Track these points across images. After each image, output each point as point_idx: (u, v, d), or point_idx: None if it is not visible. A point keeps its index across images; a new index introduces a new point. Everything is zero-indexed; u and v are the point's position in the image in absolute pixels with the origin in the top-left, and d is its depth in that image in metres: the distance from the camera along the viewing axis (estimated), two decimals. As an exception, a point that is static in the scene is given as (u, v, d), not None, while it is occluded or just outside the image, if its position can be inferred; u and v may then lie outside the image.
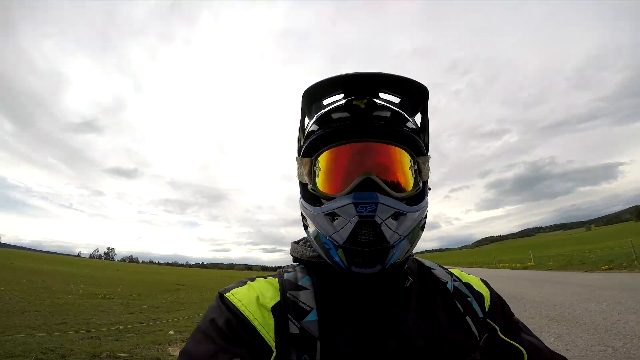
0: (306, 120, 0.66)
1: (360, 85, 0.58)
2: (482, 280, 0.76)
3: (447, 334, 0.60)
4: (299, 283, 0.62)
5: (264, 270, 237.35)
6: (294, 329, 0.56)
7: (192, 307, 10.99)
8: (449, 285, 0.67)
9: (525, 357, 0.64)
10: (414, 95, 0.59)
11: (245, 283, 0.64)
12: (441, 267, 0.75)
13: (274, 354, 0.54)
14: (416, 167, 0.62)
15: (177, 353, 5.20)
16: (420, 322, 0.60)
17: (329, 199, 0.60)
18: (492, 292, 0.73)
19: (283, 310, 0.57)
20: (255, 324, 0.56)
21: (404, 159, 0.61)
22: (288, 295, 0.59)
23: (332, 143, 0.61)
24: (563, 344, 4.64)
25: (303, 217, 0.65)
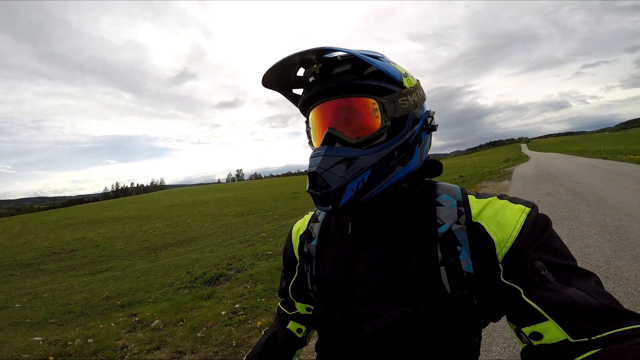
0: (294, 90, 0.72)
1: (305, 58, 0.61)
2: (528, 216, 0.58)
3: (410, 276, 0.61)
4: (318, 217, 0.81)
5: None
6: (306, 249, 0.79)
7: (308, 212, 14.50)
8: (442, 229, 0.61)
9: (546, 315, 0.49)
10: (355, 59, 0.63)
11: (303, 216, 0.87)
12: (464, 199, 0.65)
13: (298, 263, 0.83)
14: (381, 108, 0.62)
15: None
16: (393, 260, 0.63)
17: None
18: (522, 235, 0.56)
19: (302, 236, 0.82)
20: (294, 245, 0.85)
21: (362, 105, 0.62)
22: (309, 226, 0.81)
23: (310, 105, 0.68)
24: None
25: None
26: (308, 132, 0.73)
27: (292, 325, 0.90)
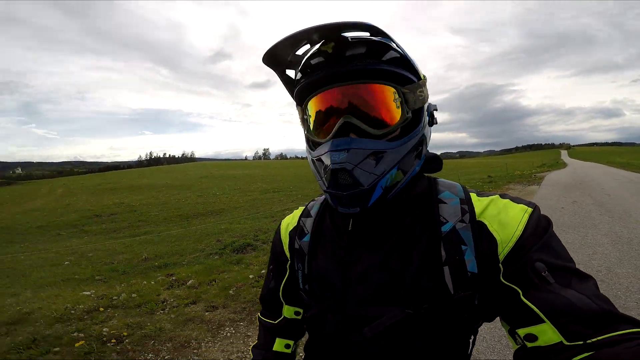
0: (288, 72, 0.65)
1: (320, 33, 0.54)
2: (530, 216, 0.56)
3: (411, 277, 0.57)
4: (311, 211, 0.75)
5: None
6: (297, 245, 0.73)
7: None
8: (445, 227, 0.58)
9: (543, 317, 0.48)
10: (379, 31, 0.55)
11: (293, 211, 0.82)
12: (467, 196, 0.62)
13: (289, 262, 0.76)
14: (402, 98, 0.58)
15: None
16: (393, 259, 0.59)
17: (318, 144, 0.62)
18: (525, 235, 0.54)
19: (293, 232, 0.76)
20: (283, 242, 0.78)
21: (385, 93, 0.57)
22: (300, 221, 0.75)
23: (314, 90, 0.60)
24: None
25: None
26: (305, 121, 0.65)
27: (278, 345, 0.82)
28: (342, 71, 0.57)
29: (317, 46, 0.59)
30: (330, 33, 0.55)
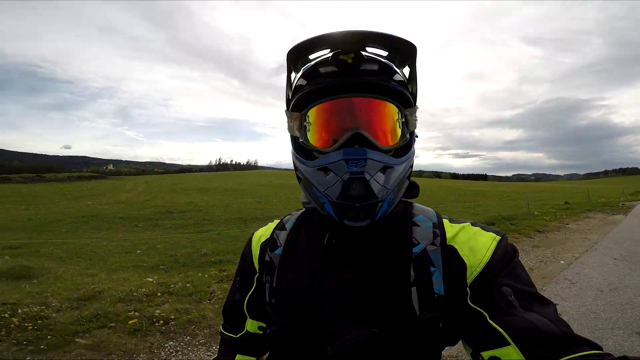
0: (293, 74, 0.64)
1: (346, 41, 0.55)
2: (498, 244, 0.59)
3: (380, 295, 0.58)
4: (286, 225, 0.74)
5: (454, 178, 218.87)
6: (267, 258, 0.70)
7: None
8: (416, 249, 0.59)
9: (509, 340, 0.49)
10: (402, 50, 0.57)
11: (267, 224, 0.80)
12: (439, 221, 0.64)
13: (257, 275, 0.74)
14: (403, 119, 0.60)
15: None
16: (364, 276, 0.60)
17: (321, 152, 0.60)
18: (492, 261, 0.57)
19: (264, 244, 0.73)
20: (254, 254, 0.75)
21: (392, 112, 0.59)
22: (274, 234, 0.73)
23: (321, 98, 0.60)
24: None
25: (296, 169, 0.66)
26: (304, 128, 0.62)
27: None
28: (357, 82, 0.58)
29: (332, 54, 0.59)
30: (355, 47, 0.57)
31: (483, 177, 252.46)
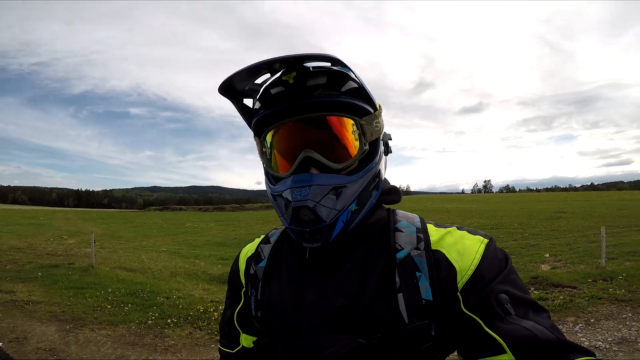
0: (245, 100, 0.63)
1: (283, 61, 0.52)
2: (487, 247, 0.58)
3: (365, 304, 0.57)
4: (270, 239, 0.74)
5: None
6: (252, 271, 0.71)
7: (572, 235, 11.30)
8: (400, 254, 0.58)
9: (505, 348, 0.48)
10: (339, 61, 0.54)
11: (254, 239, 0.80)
12: (423, 226, 0.63)
13: (244, 288, 0.74)
14: (359, 130, 0.58)
15: (547, 268, 6.94)
16: (348, 285, 0.59)
17: (280, 178, 0.60)
18: (483, 265, 0.55)
19: (250, 259, 0.74)
20: (240, 268, 0.76)
21: (345, 125, 0.58)
22: (259, 248, 0.74)
23: (274, 122, 0.59)
24: None
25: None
26: (265, 154, 0.64)
27: None
28: (302, 103, 0.57)
29: (278, 75, 0.58)
30: (292, 64, 0.55)
31: None
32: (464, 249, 0.58)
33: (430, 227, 0.64)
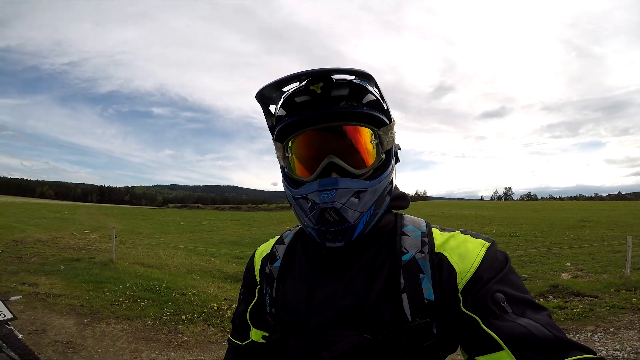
0: (272, 106, 0.68)
1: (312, 73, 0.57)
2: (488, 250, 0.61)
3: (371, 303, 0.61)
4: (285, 239, 0.78)
5: None
6: (267, 270, 0.75)
7: (595, 244, 10.91)
8: (406, 257, 0.62)
9: (502, 344, 0.50)
10: (365, 74, 0.59)
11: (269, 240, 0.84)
12: (428, 230, 0.66)
13: (258, 287, 0.78)
14: (377, 140, 0.63)
15: (568, 277, 6.67)
16: (356, 285, 0.63)
17: (302, 182, 0.65)
18: (482, 267, 0.59)
19: (265, 258, 0.78)
20: (255, 267, 0.80)
21: (365, 135, 0.62)
22: (274, 248, 0.78)
23: (299, 129, 0.63)
24: None
25: (286, 195, 0.69)
26: (287, 158, 0.67)
27: None
28: (327, 112, 0.61)
29: (304, 84, 0.61)
30: (321, 77, 0.59)
31: None
32: (465, 252, 0.62)
33: (435, 231, 0.67)
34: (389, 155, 0.67)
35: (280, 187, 0.71)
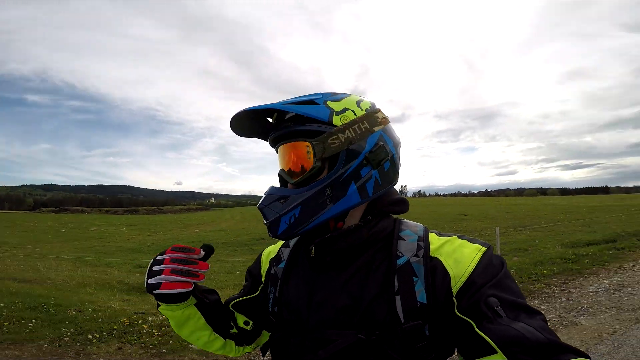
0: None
1: (268, 109, 0.69)
2: (483, 255, 0.62)
3: (366, 304, 0.63)
4: (290, 243, 0.83)
5: (564, 193, 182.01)
6: (273, 271, 0.81)
7: (472, 234, 13.07)
8: (400, 261, 0.64)
9: (496, 348, 0.51)
10: (307, 101, 0.69)
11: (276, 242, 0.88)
12: (425, 235, 0.69)
13: (262, 285, 0.84)
14: (312, 149, 0.66)
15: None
16: (352, 286, 0.66)
17: None
18: (476, 272, 0.60)
19: (272, 260, 0.84)
20: (262, 267, 0.86)
21: (298, 149, 0.69)
22: (280, 251, 0.83)
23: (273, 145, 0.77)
24: None
25: None
26: None
27: (239, 319, 0.87)
28: (278, 134, 0.73)
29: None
30: (271, 108, 0.70)
31: (604, 190, 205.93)
32: (461, 256, 0.63)
33: (433, 236, 0.70)
34: (332, 161, 0.67)
35: (186, 187, 1.27)
